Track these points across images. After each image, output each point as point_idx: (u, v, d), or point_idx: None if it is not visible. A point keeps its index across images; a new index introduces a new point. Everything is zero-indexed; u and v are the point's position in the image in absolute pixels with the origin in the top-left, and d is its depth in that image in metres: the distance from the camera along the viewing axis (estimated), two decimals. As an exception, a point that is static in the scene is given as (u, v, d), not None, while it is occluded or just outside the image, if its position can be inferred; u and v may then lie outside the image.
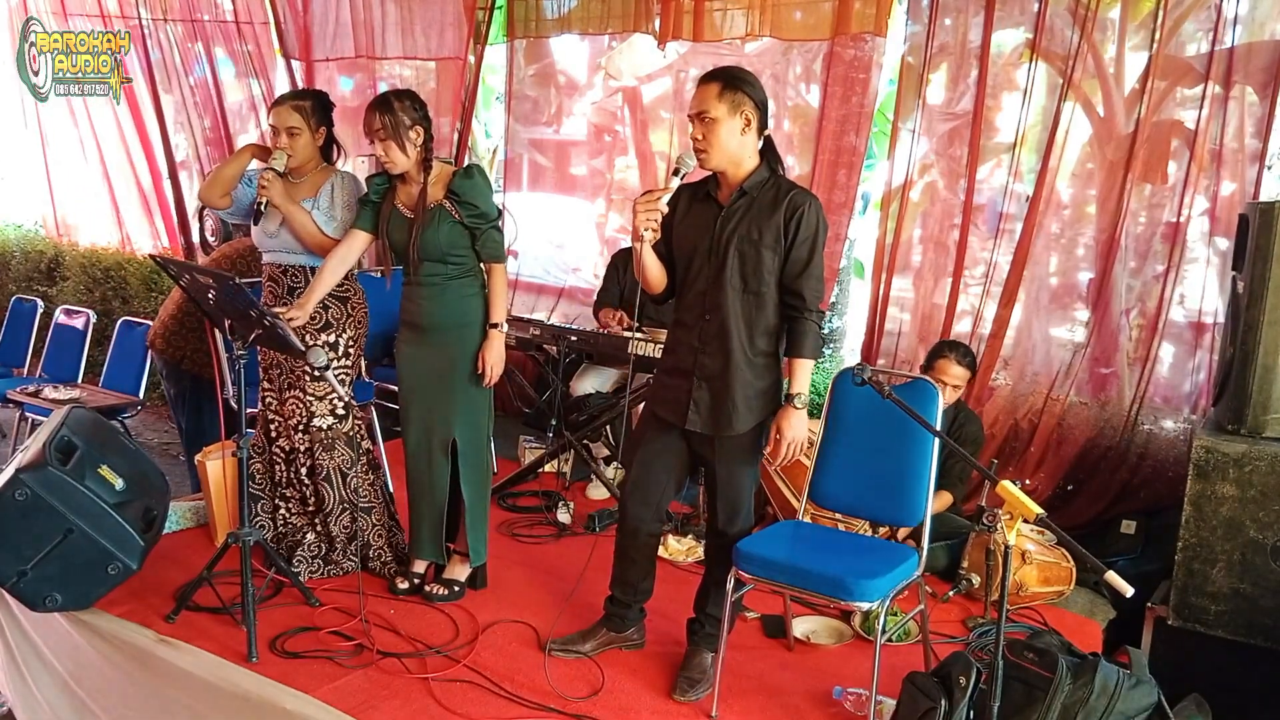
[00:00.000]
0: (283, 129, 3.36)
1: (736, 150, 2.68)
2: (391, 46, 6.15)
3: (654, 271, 2.80)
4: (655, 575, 3.11)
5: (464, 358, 3.28)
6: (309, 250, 3.40)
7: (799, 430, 2.72)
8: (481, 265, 3.32)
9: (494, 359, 3.28)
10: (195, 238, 7.17)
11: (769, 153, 2.75)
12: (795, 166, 4.94)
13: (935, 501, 3.63)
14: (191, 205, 7.07)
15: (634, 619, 3.12)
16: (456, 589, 3.42)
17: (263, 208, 3.31)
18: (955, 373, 3.74)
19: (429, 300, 3.27)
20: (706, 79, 2.68)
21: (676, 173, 2.69)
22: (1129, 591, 2.04)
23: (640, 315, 4.58)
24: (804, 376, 2.71)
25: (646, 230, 2.63)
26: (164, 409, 6.49)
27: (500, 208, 3.39)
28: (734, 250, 2.68)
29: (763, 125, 2.71)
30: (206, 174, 4.05)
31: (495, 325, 3.28)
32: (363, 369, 4.80)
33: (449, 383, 3.30)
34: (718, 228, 2.71)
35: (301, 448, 3.51)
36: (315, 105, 3.41)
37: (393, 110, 3.14)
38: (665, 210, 2.66)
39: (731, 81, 2.65)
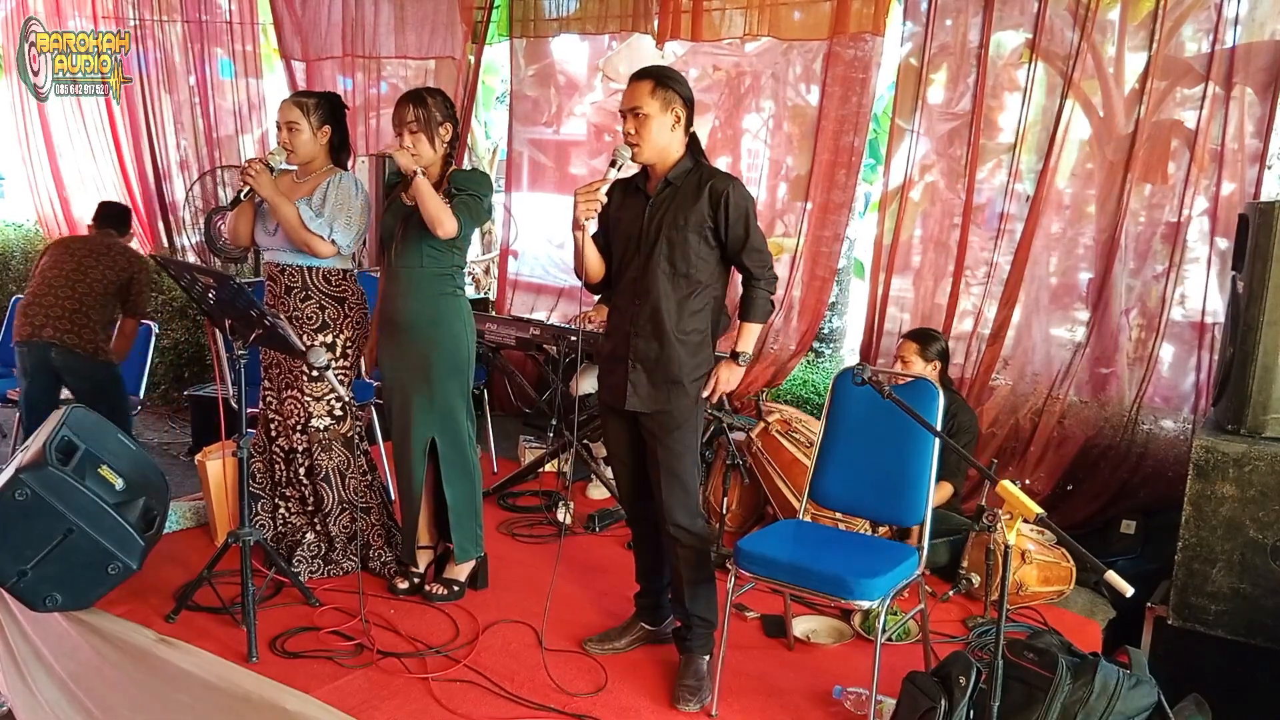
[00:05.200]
0: (283, 123, 3.37)
1: (666, 145, 2.80)
2: (386, 46, 6.15)
3: (593, 260, 2.93)
4: None
5: (438, 357, 3.29)
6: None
7: (731, 379, 2.91)
8: (464, 272, 3.36)
9: (404, 160, 3.14)
10: (195, 238, 7.18)
11: (693, 146, 2.88)
12: (795, 167, 4.95)
13: (936, 493, 3.66)
14: (185, 205, 7.08)
15: (668, 611, 3.14)
16: (456, 589, 3.43)
17: (242, 196, 3.31)
18: (912, 352, 3.85)
19: (404, 296, 3.27)
20: (638, 77, 2.80)
21: (614, 165, 2.80)
22: (1129, 591, 2.04)
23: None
24: (749, 337, 2.91)
25: (587, 219, 2.77)
26: (164, 409, 6.50)
27: (490, 210, 3.40)
28: (663, 237, 2.80)
29: (689, 121, 2.84)
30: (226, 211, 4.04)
31: (416, 172, 3.10)
32: (362, 369, 4.80)
33: (423, 382, 3.31)
34: (646, 217, 2.83)
35: (300, 448, 3.51)
36: (319, 104, 3.41)
37: (426, 105, 3.19)
38: (604, 200, 2.78)
39: (663, 80, 2.78)
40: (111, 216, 4.71)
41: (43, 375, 4.26)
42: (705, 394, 2.89)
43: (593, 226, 2.89)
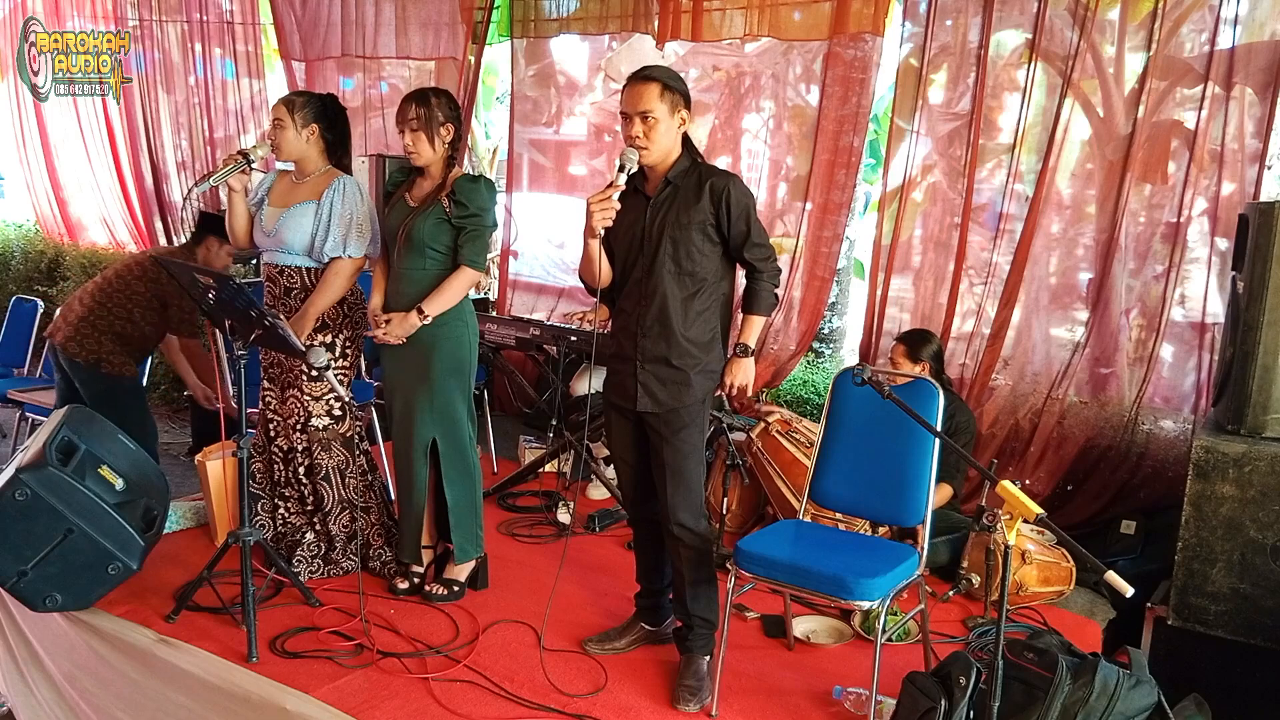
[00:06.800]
0: (272, 120, 3.39)
1: (671, 146, 2.81)
2: (386, 46, 6.16)
3: (606, 266, 2.93)
4: None
5: (438, 357, 3.28)
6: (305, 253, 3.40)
7: (743, 376, 2.91)
8: None
9: (394, 329, 3.22)
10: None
11: (687, 144, 2.88)
12: (795, 167, 4.96)
13: (935, 495, 3.67)
14: (185, 206, 7.09)
15: (668, 611, 3.15)
16: (456, 589, 3.43)
17: (211, 181, 3.28)
18: (900, 354, 3.91)
19: (407, 297, 3.26)
20: (643, 79, 2.78)
21: (622, 169, 2.78)
22: (1129, 591, 2.04)
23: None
24: (753, 329, 2.92)
25: (604, 228, 2.77)
26: (165, 409, 6.50)
27: (496, 220, 3.37)
28: (666, 237, 2.80)
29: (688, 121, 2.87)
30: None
31: (420, 310, 3.21)
32: (362, 369, 4.80)
33: (424, 382, 3.30)
34: (648, 218, 2.83)
35: (299, 447, 3.51)
36: (306, 102, 3.38)
37: (429, 104, 3.20)
38: (619, 206, 2.76)
39: (669, 83, 2.78)
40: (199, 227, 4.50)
41: (61, 374, 4.30)
42: (719, 392, 2.90)
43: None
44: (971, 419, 3.98)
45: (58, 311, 4.35)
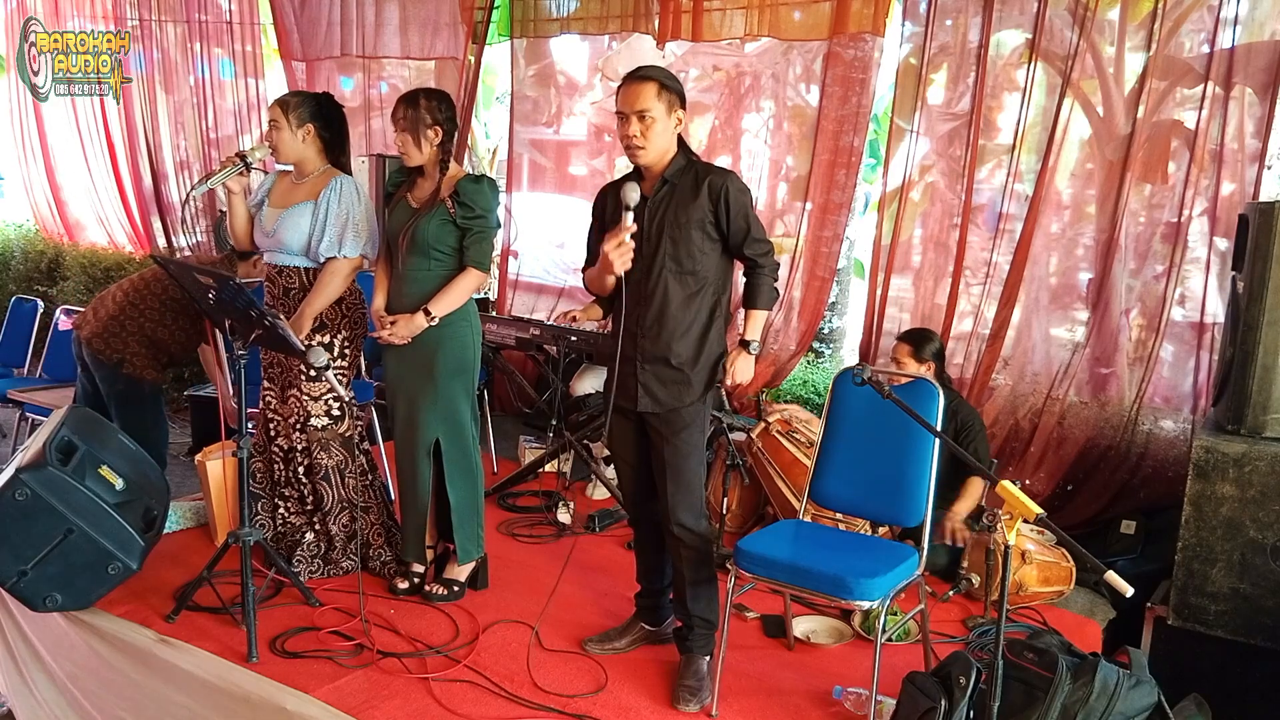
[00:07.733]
0: (269, 121, 3.39)
1: (667, 146, 2.81)
2: (387, 46, 6.16)
3: (611, 282, 2.92)
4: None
5: (442, 358, 3.28)
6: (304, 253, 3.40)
7: (745, 372, 2.91)
8: None
9: (400, 330, 3.23)
10: (194, 239, 7.18)
11: (680, 142, 2.88)
12: (795, 167, 4.96)
13: (972, 490, 3.67)
14: (185, 206, 7.08)
15: (668, 611, 3.15)
16: (456, 589, 3.43)
17: (210, 182, 3.29)
18: (905, 354, 3.87)
19: (410, 298, 3.27)
20: (639, 78, 2.77)
21: (629, 209, 2.77)
22: (1129, 591, 2.04)
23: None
24: (757, 325, 2.92)
25: (622, 269, 2.78)
26: (165, 409, 6.49)
27: (499, 221, 3.36)
28: (665, 236, 2.80)
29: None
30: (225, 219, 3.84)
31: (427, 311, 3.21)
32: (362, 369, 4.79)
33: (428, 382, 3.30)
34: (646, 218, 2.82)
35: (299, 446, 3.51)
36: (301, 103, 3.37)
37: (417, 106, 3.19)
38: (634, 245, 2.77)
39: (666, 82, 2.78)
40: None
41: (83, 368, 4.27)
42: (720, 386, 2.91)
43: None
44: (975, 414, 3.97)
45: (89, 306, 4.32)
